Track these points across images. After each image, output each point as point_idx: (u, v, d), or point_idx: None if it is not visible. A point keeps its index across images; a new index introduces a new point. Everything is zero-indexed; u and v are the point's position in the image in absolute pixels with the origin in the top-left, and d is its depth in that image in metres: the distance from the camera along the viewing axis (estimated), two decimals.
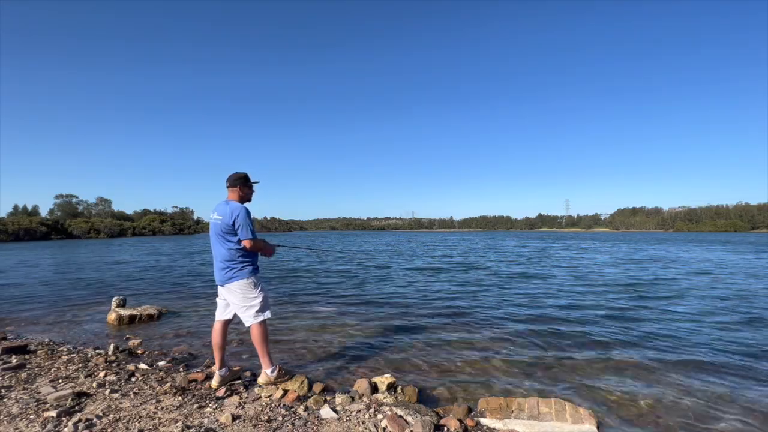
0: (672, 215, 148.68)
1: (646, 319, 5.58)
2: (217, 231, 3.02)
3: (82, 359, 3.74)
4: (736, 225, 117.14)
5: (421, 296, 7.50)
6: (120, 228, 69.84)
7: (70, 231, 61.34)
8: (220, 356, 3.12)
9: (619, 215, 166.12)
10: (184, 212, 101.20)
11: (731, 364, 3.78)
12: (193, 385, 3.08)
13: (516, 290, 8.18)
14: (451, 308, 6.36)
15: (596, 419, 2.53)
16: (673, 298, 7.15)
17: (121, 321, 5.32)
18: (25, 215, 61.90)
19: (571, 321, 5.50)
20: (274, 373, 3.11)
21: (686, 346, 4.34)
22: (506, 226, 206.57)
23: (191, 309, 6.34)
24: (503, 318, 5.67)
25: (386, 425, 2.45)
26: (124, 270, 12.65)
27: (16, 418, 2.48)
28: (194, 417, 2.55)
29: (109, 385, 3.06)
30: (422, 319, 5.66)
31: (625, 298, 7.10)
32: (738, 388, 3.22)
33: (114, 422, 2.45)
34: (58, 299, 7.28)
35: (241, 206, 3.03)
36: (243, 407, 2.70)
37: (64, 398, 2.76)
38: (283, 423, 2.49)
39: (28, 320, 5.71)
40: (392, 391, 3.02)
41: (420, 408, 2.65)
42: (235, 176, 3.13)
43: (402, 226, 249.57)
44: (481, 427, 2.56)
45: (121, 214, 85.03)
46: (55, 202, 72.58)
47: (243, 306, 3.08)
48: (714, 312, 5.99)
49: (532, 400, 2.73)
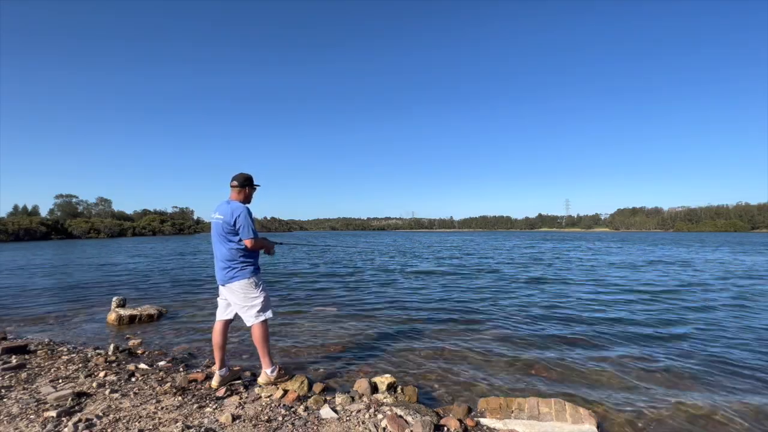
0: (672, 215, 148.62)
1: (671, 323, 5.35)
2: (219, 231, 3.03)
3: (82, 359, 3.74)
4: (736, 225, 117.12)
5: (423, 298, 7.50)
6: (120, 228, 69.82)
7: (70, 231, 61.33)
8: (220, 356, 3.12)
9: (619, 215, 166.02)
10: (184, 212, 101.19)
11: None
12: (193, 385, 3.08)
13: (527, 294, 8.16)
14: (452, 309, 6.36)
15: (596, 419, 2.53)
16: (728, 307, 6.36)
17: (121, 321, 5.32)
18: (25, 215, 61.88)
19: (581, 322, 5.50)
20: (274, 373, 3.11)
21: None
22: (506, 226, 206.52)
23: (191, 309, 6.34)
24: (504, 319, 5.67)
25: (386, 425, 2.44)
26: (124, 270, 12.65)
27: (16, 418, 2.48)
28: (194, 417, 2.55)
29: (109, 385, 3.06)
30: (423, 319, 5.65)
31: (663, 308, 6.32)
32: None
33: (114, 422, 2.45)
34: (58, 299, 7.28)
35: (242, 206, 3.04)
36: (243, 407, 2.70)
37: (64, 398, 2.76)
38: (283, 423, 2.49)
39: (28, 320, 5.71)
40: (392, 391, 3.02)
41: (420, 408, 2.65)
42: (244, 177, 3.14)
43: (402, 226, 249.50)
44: (481, 427, 2.56)
45: (121, 214, 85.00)
46: (55, 202, 72.61)
47: (244, 306, 3.08)
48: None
49: (532, 400, 2.73)
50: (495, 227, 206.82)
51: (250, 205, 3.21)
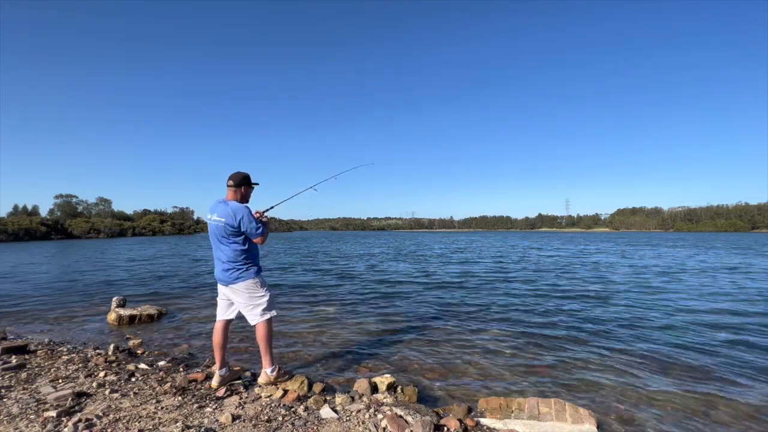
0: (672, 215, 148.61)
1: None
2: (220, 233, 2.99)
3: (82, 359, 3.74)
4: (736, 225, 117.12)
5: (423, 298, 7.49)
6: (120, 228, 69.87)
7: (70, 231, 61.36)
8: (220, 356, 3.12)
9: (619, 215, 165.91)
10: (184, 212, 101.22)
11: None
12: (193, 385, 3.07)
13: (527, 295, 8.13)
14: (453, 309, 6.36)
15: (596, 419, 2.53)
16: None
17: (121, 321, 5.32)
18: (25, 215, 61.91)
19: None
20: (274, 373, 3.11)
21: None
22: (506, 226, 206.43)
23: (191, 309, 6.34)
24: (506, 319, 5.67)
25: (386, 425, 2.44)
26: (124, 270, 12.65)
27: (16, 418, 2.48)
28: (194, 417, 2.55)
29: (109, 385, 3.06)
30: (423, 320, 5.66)
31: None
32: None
33: (114, 422, 2.45)
34: (58, 299, 7.28)
35: (242, 207, 3.01)
36: (243, 407, 2.70)
37: (64, 398, 2.76)
38: (283, 423, 2.49)
39: (28, 320, 5.71)
40: (392, 391, 3.02)
41: (420, 408, 2.65)
42: (241, 176, 3.09)
43: (402, 226, 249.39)
44: (481, 427, 2.56)
45: (121, 214, 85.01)
46: (55, 202, 72.59)
47: (249, 305, 3.08)
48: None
49: (532, 400, 2.73)
50: (495, 227, 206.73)
51: (249, 204, 3.19)
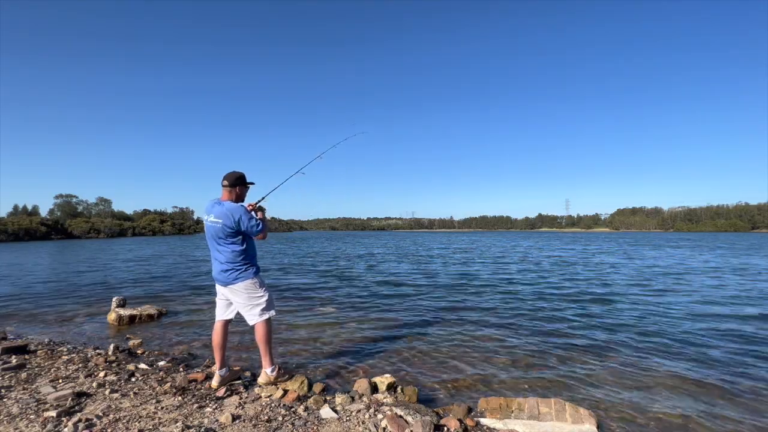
0: (672, 215, 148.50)
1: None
2: (218, 234, 2.98)
3: (82, 359, 3.74)
4: (736, 225, 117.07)
5: (424, 299, 7.49)
6: (120, 228, 69.80)
7: (70, 231, 61.31)
8: (220, 356, 3.12)
9: (619, 215, 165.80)
10: (184, 212, 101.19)
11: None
12: (193, 385, 3.08)
13: (529, 294, 8.13)
14: (453, 310, 6.36)
15: (596, 419, 2.53)
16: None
17: (121, 321, 5.32)
18: (25, 215, 61.87)
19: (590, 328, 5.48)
20: (273, 373, 3.11)
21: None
22: (506, 226, 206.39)
23: (191, 309, 6.34)
24: (506, 319, 5.67)
25: (386, 425, 2.44)
26: (124, 270, 12.64)
27: (16, 418, 2.48)
28: (194, 417, 2.55)
29: (109, 385, 3.06)
30: (423, 320, 5.66)
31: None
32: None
33: (114, 422, 2.45)
34: (57, 299, 7.28)
35: (238, 207, 2.99)
36: (243, 407, 2.70)
37: (64, 398, 2.76)
38: (283, 423, 2.49)
39: (28, 320, 5.71)
40: (392, 391, 3.02)
41: (420, 408, 2.65)
42: (236, 176, 3.07)
43: (402, 226, 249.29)
44: (481, 427, 2.56)
45: (121, 214, 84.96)
46: (55, 202, 72.50)
47: (248, 305, 3.08)
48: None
49: (532, 400, 2.73)
50: (495, 227, 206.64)
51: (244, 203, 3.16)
